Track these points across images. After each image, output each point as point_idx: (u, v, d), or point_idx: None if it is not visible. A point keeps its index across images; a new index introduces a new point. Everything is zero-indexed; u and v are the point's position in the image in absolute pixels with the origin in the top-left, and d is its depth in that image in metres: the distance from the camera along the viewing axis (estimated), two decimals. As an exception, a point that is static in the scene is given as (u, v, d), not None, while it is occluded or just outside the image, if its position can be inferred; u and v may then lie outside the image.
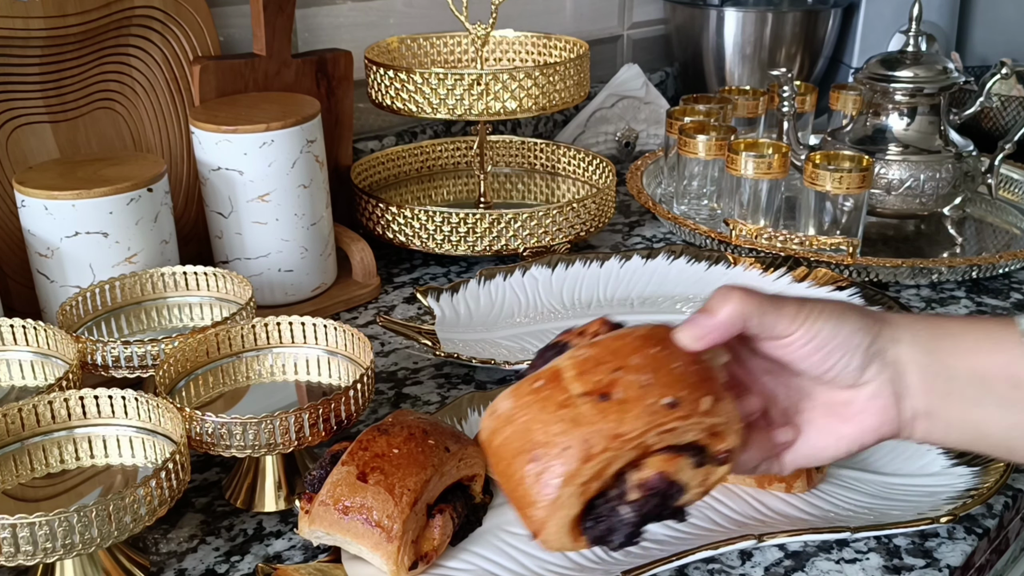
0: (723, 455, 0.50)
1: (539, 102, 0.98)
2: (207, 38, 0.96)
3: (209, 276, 0.83)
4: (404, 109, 0.99)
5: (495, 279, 0.95)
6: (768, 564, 0.62)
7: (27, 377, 0.74)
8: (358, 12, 1.21)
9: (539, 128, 1.46)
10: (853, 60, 1.62)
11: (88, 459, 0.66)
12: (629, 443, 0.47)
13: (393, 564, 0.57)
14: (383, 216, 1.03)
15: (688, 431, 0.48)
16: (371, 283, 1.00)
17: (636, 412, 0.47)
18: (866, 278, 1.01)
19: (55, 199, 0.78)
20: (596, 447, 0.47)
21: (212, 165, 0.89)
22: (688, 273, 0.98)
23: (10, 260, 0.87)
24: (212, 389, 0.73)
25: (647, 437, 0.47)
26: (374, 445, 0.59)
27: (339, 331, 0.74)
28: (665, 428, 0.48)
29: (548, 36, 1.14)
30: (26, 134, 0.88)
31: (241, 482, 0.69)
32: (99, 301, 0.79)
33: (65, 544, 0.54)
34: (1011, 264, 1.01)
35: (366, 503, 0.57)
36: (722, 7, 1.57)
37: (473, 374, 0.85)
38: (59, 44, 0.87)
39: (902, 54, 1.11)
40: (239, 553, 0.64)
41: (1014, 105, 1.38)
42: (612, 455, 0.47)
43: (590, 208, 1.05)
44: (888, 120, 1.11)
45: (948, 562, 0.62)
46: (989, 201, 1.21)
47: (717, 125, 1.15)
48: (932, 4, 1.59)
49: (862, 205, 1.02)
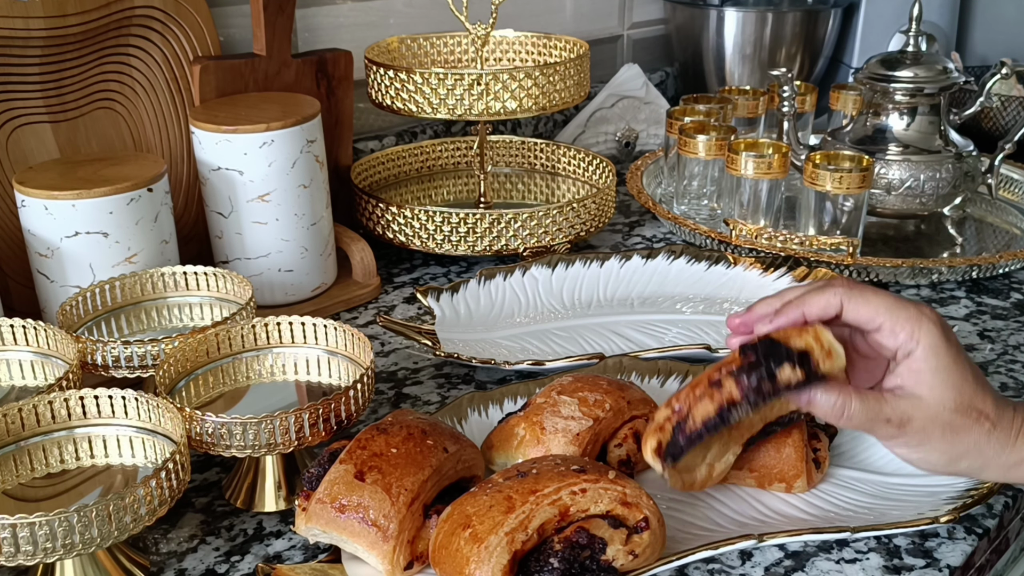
0: (640, 524, 0.57)
1: (539, 102, 0.98)
2: (207, 38, 0.96)
3: (209, 276, 0.83)
4: (404, 109, 0.99)
5: (495, 279, 0.95)
6: (768, 564, 0.62)
7: (27, 377, 0.74)
8: (358, 12, 1.21)
9: (539, 128, 1.46)
10: (853, 60, 1.62)
11: (88, 459, 0.66)
12: (546, 498, 0.55)
13: (388, 564, 0.57)
14: (383, 216, 1.03)
15: (601, 498, 0.56)
16: (371, 283, 1.00)
17: (550, 476, 0.57)
18: (866, 278, 1.01)
19: (55, 199, 0.78)
20: (518, 502, 0.55)
21: (212, 165, 0.89)
22: (688, 273, 0.98)
23: (10, 260, 0.88)
24: (212, 389, 0.73)
25: (562, 494, 0.56)
26: (372, 444, 0.59)
27: (339, 331, 0.74)
28: (577, 487, 0.56)
29: (548, 36, 1.14)
30: (26, 134, 0.88)
31: (241, 482, 0.69)
32: (99, 301, 0.79)
33: (65, 544, 0.54)
34: (1011, 264, 1.01)
35: (363, 502, 0.57)
36: (722, 7, 1.57)
37: (473, 374, 0.85)
38: (59, 44, 0.87)
39: (902, 54, 1.11)
40: (239, 553, 0.64)
41: (1014, 105, 1.38)
42: (532, 507, 0.55)
43: (590, 208, 1.05)
44: (888, 120, 1.11)
45: (948, 562, 0.62)
46: (989, 201, 1.21)
47: (717, 125, 1.15)
48: (932, 4, 1.59)
49: (862, 205, 1.02)
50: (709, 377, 0.58)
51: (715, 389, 0.58)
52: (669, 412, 0.59)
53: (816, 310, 0.60)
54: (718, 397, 0.57)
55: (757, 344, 0.58)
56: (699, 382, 0.59)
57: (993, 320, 0.94)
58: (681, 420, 0.58)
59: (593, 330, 0.90)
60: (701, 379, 0.59)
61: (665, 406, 0.60)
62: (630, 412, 0.68)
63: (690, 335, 0.88)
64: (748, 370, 0.57)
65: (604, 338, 0.88)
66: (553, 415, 0.66)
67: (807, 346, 0.57)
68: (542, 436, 0.65)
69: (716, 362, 0.61)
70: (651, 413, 0.69)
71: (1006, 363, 0.86)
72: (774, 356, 0.57)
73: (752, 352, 0.57)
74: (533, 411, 0.67)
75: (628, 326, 0.90)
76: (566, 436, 0.65)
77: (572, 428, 0.65)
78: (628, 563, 0.56)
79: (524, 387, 0.78)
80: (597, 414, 0.66)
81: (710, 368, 0.60)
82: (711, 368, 0.59)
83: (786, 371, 0.56)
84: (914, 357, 0.58)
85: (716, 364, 0.60)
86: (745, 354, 0.57)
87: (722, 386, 0.57)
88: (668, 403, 0.60)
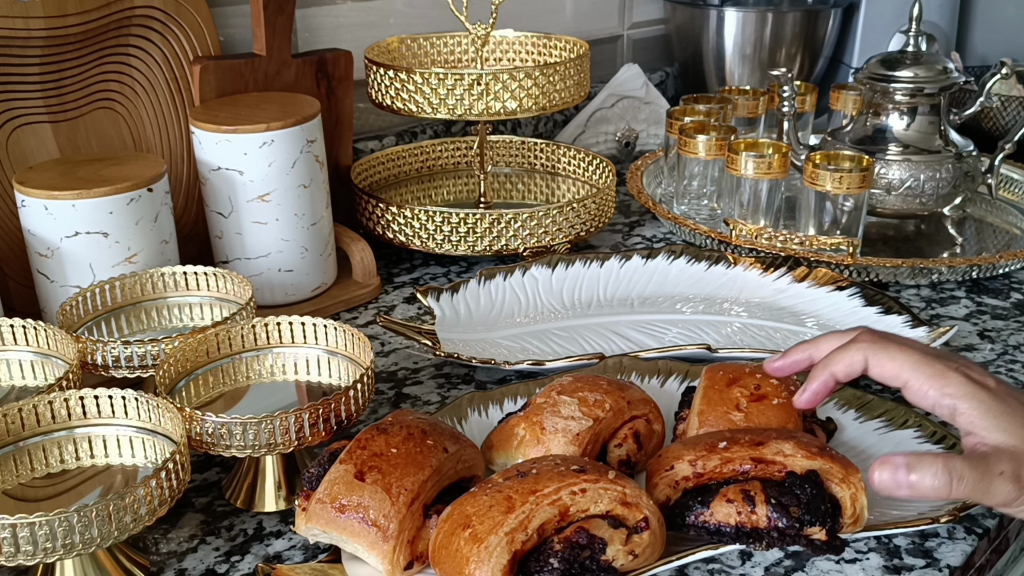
0: (640, 524, 0.57)
1: (539, 102, 0.98)
2: (207, 38, 0.96)
3: (209, 276, 0.83)
4: (404, 109, 0.99)
5: (495, 279, 0.95)
6: (768, 564, 0.62)
7: (27, 377, 0.74)
8: (358, 12, 1.21)
9: (539, 128, 1.46)
10: (853, 60, 1.62)
11: (88, 459, 0.66)
12: (546, 498, 0.55)
13: (388, 564, 0.57)
14: (383, 216, 1.03)
15: (601, 498, 0.56)
16: (371, 283, 1.00)
17: (550, 476, 0.57)
18: (866, 278, 1.01)
19: (55, 199, 0.78)
20: (517, 502, 0.55)
21: (212, 165, 0.89)
22: (688, 273, 0.98)
23: (10, 260, 0.88)
24: (212, 389, 0.73)
25: (562, 494, 0.56)
26: (372, 444, 0.59)
27: (339, 331, 0.74)
28: (577, 487, 0.56)
29: (548, 36, 1.14)
30: (26, 134, 0.88)
31: (241, 482, 0.69)
32: (99, 301, 0.79)
33: (65, 544, 0.54)
34: (1011, 264, 1.01)
35: (363, 502, 0.57)
36: (722, 7, 1.57)
37: (473, 374, 0.85)
38: (59, 44, 0.87)
39: (902, 54, 1.11)
40: (239, 553, 0.64)
41: (1014, 105, 1.38)
42: (532, 508, 0.55)
43: (590, 208, 1.05)
44: (888, 120, 1.11)
45: (948, 562, 0.62)
46: (989, 201, 1.21)
47: (717, 125, 1.15)
48: (932, 4, 1.59)
49: (862, 205, 1.02)
50: (744, 460, 0.60)
51: (745, 501, 0.58)
52: (690, 471, 0.60)
53: (843, 370, 0.60)
54: (744, 513, 0.58)
55: (804, 481, 0.58)
56: (736, 441, 0.60)
57: (993, 320, 0.94)
58: (699, 484, 0.60)
59: (593, 330, 0.90)
60: (739, 447, 0.60)
61: (688, 459, 0.60)
62: (630, 412, 0.68)
63: (690, 335, 0.88)
64: (782, 510, 0.58)
65: (604, 338, 0.88)
66: (553, 415, 0.66)
67: (843, 503, 0.59)
68: (542, 436, 0.65)
69: (736, 363, 0.64)
70: (651, 413, 0.69)
71: (1006, 363, 0.86)
72: (811, 510, 0.57)
73: (799, 491, 0.58)
74: (533, 411, 0.67)
75: (628, 326, 0.90)
76: (566, 436, 0.65)
77: (572, 428, 0.65)
78: (628, 563, 0.56)
79: (524, 387, 0.78)
80: (597, 414, 0.66)
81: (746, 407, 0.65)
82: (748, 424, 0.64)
83: (815, 531, 0.58)
84: (961, 412, 0.56)
85: (749, 372, 0.65)
86: (790, 484, 0.58)
87: (754, 504, 0.58)
88: (692, 455, 0.61)
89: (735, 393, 0.67)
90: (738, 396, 0.67)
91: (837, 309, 0.91)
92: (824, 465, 0.59)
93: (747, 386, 0.68)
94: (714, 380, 0.69)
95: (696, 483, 0.60)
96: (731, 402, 0.67)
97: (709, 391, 0.68)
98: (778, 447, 0.59)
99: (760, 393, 0.67)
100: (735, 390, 0.68)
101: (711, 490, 0.59)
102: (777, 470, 0.59)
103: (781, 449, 0.59)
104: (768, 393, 0.67)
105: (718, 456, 0.60)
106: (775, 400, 0.66)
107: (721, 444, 0.60)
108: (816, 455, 0.59)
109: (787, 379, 0.68)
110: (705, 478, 0.60)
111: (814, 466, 0.58)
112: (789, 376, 0.68)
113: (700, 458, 0.60)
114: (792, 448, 0.59)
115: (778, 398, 0.67)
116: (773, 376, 0.67)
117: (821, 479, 0.58)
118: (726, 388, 0.68)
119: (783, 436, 0.61)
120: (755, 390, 0.67)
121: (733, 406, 0.67)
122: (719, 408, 0.67)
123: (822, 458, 0.59)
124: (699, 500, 0.59)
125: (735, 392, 0.67)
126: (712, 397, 0.68)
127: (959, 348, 0.89)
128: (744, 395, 0.67)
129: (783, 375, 0.66)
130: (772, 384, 0.67)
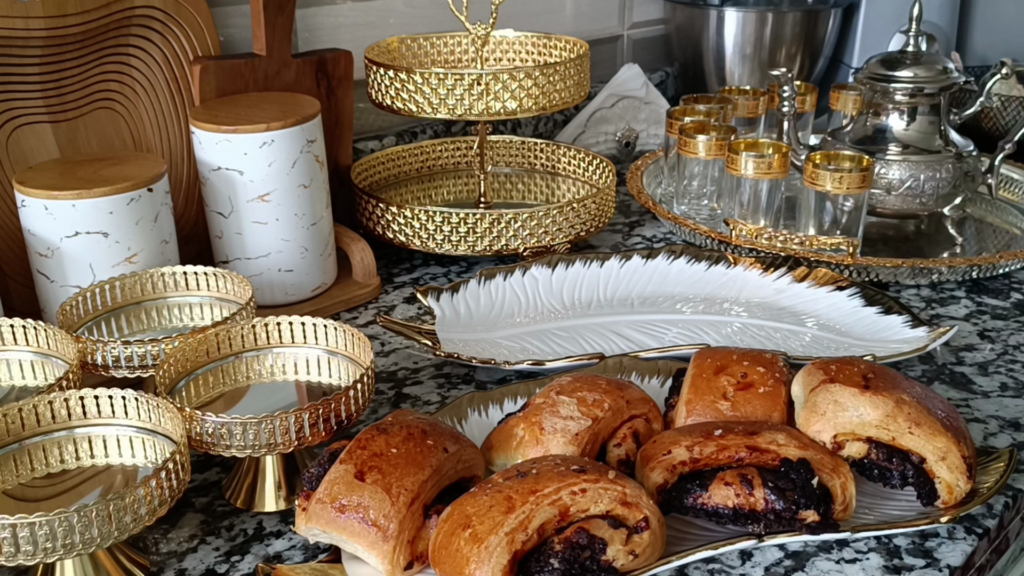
0: (640, 524, 0.57)
1: (539, 102, 0.98)
2: (207, 38, 0.96)
3: (209, 276, 0.83)
4: (404, 109, 0.99)
5: (495, 279, 0.95)
6: (768, 564, 0.62)
7: (27, 377, 0.74)
8: (358, 12, 1.21)
9: (539, 128, 1.46)
10: (853, 60, 1.62)
11: (88, 459, 0.66)
12: (546, 498, 0.55)
13: (388, 564, 0.57)
14: (383, 216, 1.03)
15: (601, 498, 0.56)
16: (371, 283, 1.00)
17: (550, 476, 0.57)
18: (866, 278, 1.01)
19: (55, 199, 0.78)
20: (518, 502, 0.55)
21: (212, 165, 0.89)
22: (688, 273, 0.98)
23: (10, 260, 0.88)
24: (212, 389, 0.73)
25: (562, 494, 0.56)
26: (372, 444, 0.59)
27: (339, 331, 0.74)
28: (577, 487, 0.56)
29: (548, 36, 1.14)
30: (26, 134, 0.88)
31: (241, 482, 0.69)
32: (99, 301, 0.79)
33: (65, 544, 0.54)
34: (1011, 264, 1.01)
35: (363, 502, 0.57)
36: (722, 7, 1.57)
37: (473, 374, 0.85)
38: (59, 44, 0.87)
39: (902, 54, 1.11)
40: (239, 553, 0.64)
41: (1014, 105, 1.38)
42: (532, 508, 0.55)
43: (590, 208, 1.05)
44: (888, 120, 1.11)
45: (948, 562, 0.62)
46: (989, 201, 1.21)
47: (717, 125, 1.15)
48: (932, 4, 1.59)
49: (862, 205, 1.02)
50: (740, 449, 0.61)
51: (743, 484, 0.59)
52: (687, 456, 0.61)
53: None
54: (742, 495, 0.59)
55: (799, 466, 0.60)
56: (730, 430, 0.62)
57: (993, 320, 0.94)
58: (695, 470, 0.61)
59: (593, 330, 0.90)
60: (734, 435, 0.62)
61: (684, 445, 0.62)
62: (629, 411, 0.68)
63: (690, 335, 0.88)
64: (779, 493, 0.59)
65: (604, 338, 0.88)
66: (552, 415, 0.66)
67: (833, 491, 0.61)
68: (541, 436, 0.65)
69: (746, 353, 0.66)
70: (650, 412, 0.69)
71: (1006, 363, 0.86)
72: (806, 494, 0.59)
73: (794, 476, 0.60)
74: (532, 411, 0.67)
75: (628, 326, 0.90)
76: (565, 436, 0.65)
77: (571, 428, 0.65)
78: (628, 563, 0.56)
79: (524, 387, 0.78)
80: (596, 414, 0.66)
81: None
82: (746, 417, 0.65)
83: (810, 514, 0.60)
84: None
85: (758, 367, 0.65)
86: (786, 470, 0.60)
87: (752, 487, 0.59)
88: (688, 441, 0.62)
89: (722, 382, 0.69)
90: (725, 385, 0.68)
91: (837, 309, 0.91)
92: (815, 456, 0.61)
93: (734, 374, 0.69)
94: (702, 368, 0.70)
95: (692, 468, 0.62)
96: (718, 391, 0.68)
97: (697, 380, 0.70)
98: (772, 436, 0.61)
99: (747, 382, 0.68)
100: (722, 379, 0.69)
101: (707, 475, 0.61)
102: (771, 458, 0.61)
103: (775, 439, 0.61)
104: (755, 381, 0.68)
105: (714, 443, 0.61)
106: (761, 389, 0.68)
107: (717, 432, 0.62)
108: (807, 446, 0.61)
109: (773, 367, 0.70)
110: (701, 464, 0.61)
111: (806, 455, 0.61)
112: (775, 364, 0.70)
113: (697, 444, 0.62)
114: (785, 438, 0.61)
115: (764, 387, 0.68)
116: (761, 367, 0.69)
117: (813, 468, 0.60)
118: (713, 376, 0.69)
119: (775, 428, 0.63)
120: (742, 378, 0.68)
121: (720, 395, 0.68)
122: (706, 397, 0.68)
123: (813, 449, 0.61)
124: (697, 483, 0.61)
125: (722, 381, 0.69)
126: (700, 386, 0.69)
127: (959, 348, 0.89)
128: (731, 383, 0.68)
129: None
130: (759, 372, 0.69)
